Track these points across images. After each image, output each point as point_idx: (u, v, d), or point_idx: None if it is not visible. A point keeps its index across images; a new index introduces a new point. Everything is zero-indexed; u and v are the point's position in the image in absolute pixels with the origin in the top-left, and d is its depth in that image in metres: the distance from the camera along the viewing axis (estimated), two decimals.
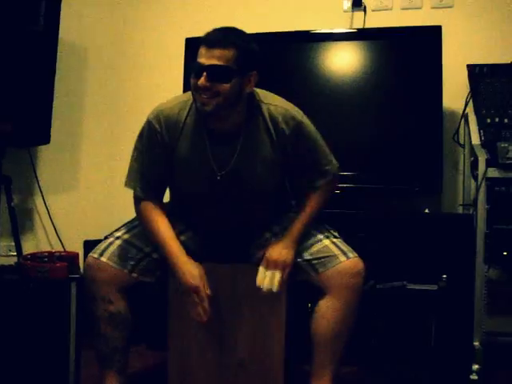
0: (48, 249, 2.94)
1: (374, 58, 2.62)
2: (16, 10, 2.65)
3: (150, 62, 3.17)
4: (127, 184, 1.77)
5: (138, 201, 1.77)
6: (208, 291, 1.67)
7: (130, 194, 2.93)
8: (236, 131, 1.69)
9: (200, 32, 2.79)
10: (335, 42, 2.72)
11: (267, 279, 1.70)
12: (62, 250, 2.84)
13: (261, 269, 1.72)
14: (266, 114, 1.70)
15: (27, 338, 1.88)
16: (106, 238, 1.83)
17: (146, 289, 1.87)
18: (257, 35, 2.77)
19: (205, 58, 1.57)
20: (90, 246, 2.65)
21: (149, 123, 1.73)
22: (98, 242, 2.66)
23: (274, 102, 1.73)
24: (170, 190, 1.87)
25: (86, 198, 3.09)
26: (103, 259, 1.75)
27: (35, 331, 1.89)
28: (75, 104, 3.07)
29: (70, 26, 2.87)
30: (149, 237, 1.76)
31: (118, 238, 1.80)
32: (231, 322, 1.79)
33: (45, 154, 2.94)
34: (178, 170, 1.75)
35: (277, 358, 1.78)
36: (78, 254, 2.09)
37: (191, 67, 1.63)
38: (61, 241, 2.93)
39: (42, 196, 2.90)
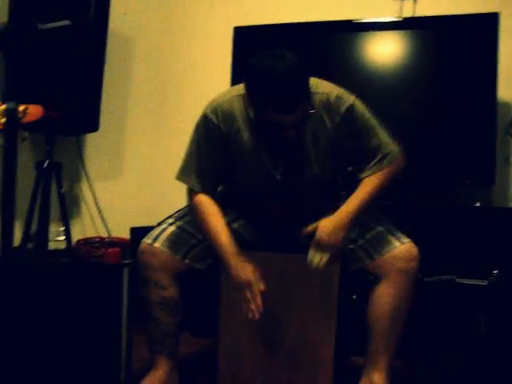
0: (94, 234, 3.00)
1: (425, 48, 2.57)
2: (68, 2, 2.71)
3: (198, 51, 3.18)
4: (180, 177, 1.78)
5: (192, 194, 1.78)
6: (262, 286, 1.66)
7: (173, 182, 2.95)
8: None
9: (248, 20, 2.82)
10: (383, 32, 2.68)
11: (316, 258, 1.68)
12: (108, 235, 2.89)
13: (311, 249, 1.69)
14: (318, 104, 1.68)
15: (80, 322, 1.92)
16: (159, 224, 1.85)
17: (190, 276, 1.89)
18: (302, 25, 2.81)
19: (279, 120, 1.54)
20: (136, 232, 2.70)
21: (206, 117, 1.72)
22: (145, 228, 2.72)
23: (323, 90, 1.70)
24: (224, 180, 1.87)
25: (132, 186, 3.14)
26: (157, 245, 1.76)
27: (88, 315, 1.93)
28: (122, 93, 3.11)
29: (118, 17, 2.90)
30: (201, 230, 1.77)
31: (171, 224, 1.81)
32: (281, 312, 1.79)
33: (91, 141, 2.99)
34: (233, 162, 1.75)
35: (327, 349, 1.78)
36: (128, 240, 2.12)
37: (257, 107, 1.60)
38: (107, 227, 2.98)
39: (89, 183, 2.96)
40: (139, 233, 2.66)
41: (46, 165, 2.64)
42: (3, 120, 1.37)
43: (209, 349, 2.32)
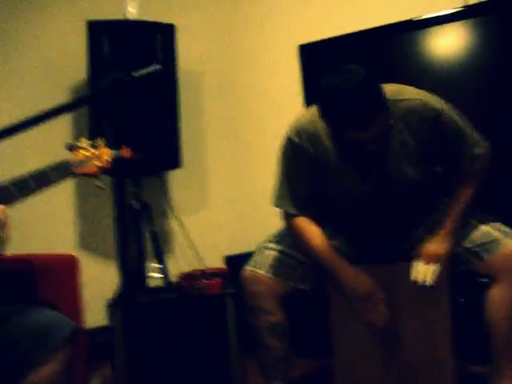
0: (187, 267, 3.07)
1: (495, 35, 2.45)
2: (134, 45, 2.83)
3: (265, 75, 3.21)
4: (276, 203, 1.80)
5: (289, 218, 1.78)
6: (381, 294, 1.66)
7: (259, 207, 2.98)
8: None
9: (311, 37, 2.82)
10: (447, 25, 2.59)
11: (421, 273, 1.66)
12: (203, 267, 2.95)
13: (415, 263, 1.68)
14: (404, 111, 1.64)
15: (192, 352, 1.96)
16: (258, 250, 1.86)
17: (294, 298, 1.88)
18: (365, 32, 2.78)
19: (356, 137, 1.52)
20: (231, 260, 2.74)
21: (289, 140, 1.73)
22: (239, 256, 2.76)
23: (410, 96, 1.65)
24: (317, 199, 1.86)
25: (219, 216, 3.20)
26: (259, 271, 1.77)
27: (198, 346, 1.97)
28: (198, 126, 3.19)
29: (185, 55, 2.99)
30: (303, 252, 1.76)
31: (271, 248, 1.82)
32: (394, 324, 1.74)
33: (174, 177, 3.08)
34: (323, 181, 1.74)
35: (445, 360, 1.71)
36: (227, 270, 2.14)
37: (333, 127, 1.58)
38: (199, 259, 3.04)
39: (177, 218, 3.04)
40: (233, 261, 2.72)
41: (135, 206, 2.75)
42: (99, 163, 1.43)
43: (317, 369, 2.30)
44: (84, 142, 1.43)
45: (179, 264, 3.12)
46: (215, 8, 3.26)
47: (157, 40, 2.87)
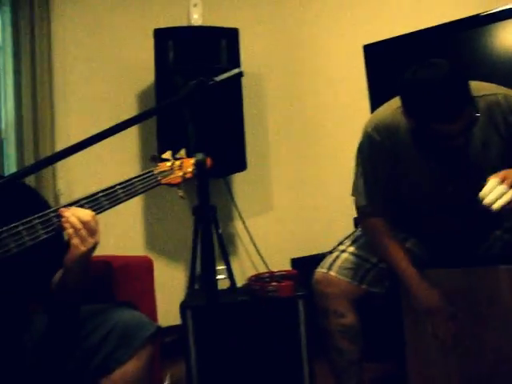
0: (252, 270, 3.09)
1: None
2: (199, 50, 2.88)
3: (329, 76, 3.20)
4: (355, 201, 1.77)
5: (364, 217, 1.76)
6: (451, 310, 1.61)
7: (324, 208, 2.94)
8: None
9: (376, 37, 2.79)
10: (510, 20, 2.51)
11: (493, 193, 1.40)
12: (267, 270, 2.96)
13: (491, 180, 1.43)
14: (485, 106, 1.59)
15: (261, 355, 1.97)
16: (330, 252, 1.85)
17: (366, 301, 1.85)
18: (431, 30, 2.72)
19: (443, 130, 1.48)
20: (298, 263, 2.74)
21: (369, 136, 1.70)
22: (306, 258, 2.75)
23: (489, 91, 1.60)
24: (393, 199, 1.83)
25: (284, 218, 3.20)
26: (332, 273, 1.76)
27: (268, 348, 1.97)
28: (261, 129, 3.21)
29: (249, 58, 3.01)
30: (377, 254, 1.74)
31: (343, 251, 1.80)
32: (471, 329, 1.68)
33: (239, 180, 3.11)
34: (401, 179, 1.71)
35: None
36: (296, 272, 2.14)
37: (419, 121, 1.52)
38: (264, 261, 3.05)
39: (242, 220, 3.06)
40: (300, 263, 2.71)
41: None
42: (182, 174, 1.47)
43: (385, 373, 2.26)
44: (167, 154, 1.47)
45: (243, 266, 3.15)
46: (278, 11, 3.27)
47: (221, 44, 2.91)
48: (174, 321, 2.13)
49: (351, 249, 1.80)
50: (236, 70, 1.18)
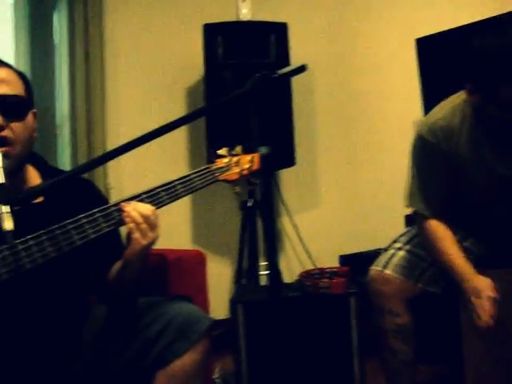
0: (298, 266, 3.07)
1: None
2: (248, 45, 2.88)
3: (379, 70, 3.15)
4: (407, 203, 1.74)
5: (420, 219, 1.72)
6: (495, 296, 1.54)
7: (372, 205, 2.89)
8: None
9: (429, 30, 2.72)
10: None
11: None
12: (313, 266, 2.94)
13: None
14: None
15: (311, 352, 1.95)
16: (385, 249, 1.82)
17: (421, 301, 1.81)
18: (486, 22, 2.63)
19: None
20: (346, 260, 2.70)
21: (422, 139, 1.66)
22: (354, 255, 2.72)
23: None
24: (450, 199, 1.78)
25: (331, 215, 3.17)
26: (387, 271, 1.72)
27: (319, 345, 1.96)
28: (310, 124, 3.18)
29: (298, 53, 2.98)
30: (433, 256, 1.69)
31: (399, 248, 1.77)
32: None
33: (287, 175, 3.09)
34: (458, 179, 1.66)
35: None
36: (348, 269, 2.11)
37: (489, 90, 1.48)
38: (311, 258, 3.03)
39: (289, 216, 3.04)
40: (348, 260, 2.68)
41: (250, 204, 2.79)
42: (239, 170, 1.46)
43: (437, 376, 2.21)
44: (223, 150, 1.47)
45: (290, 263, 3.14)
46: (327, 4, 3.23)
47: (270, 39, 2.90)
48: (219, 315, 2.14)
49: (407, 247, 1.76)
50: (299, 65, 1.17)
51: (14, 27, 2.61)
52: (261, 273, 2.86)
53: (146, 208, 1.29)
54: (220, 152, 1.47)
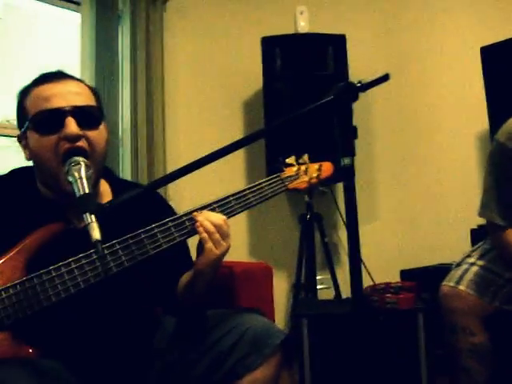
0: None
1: None
2: (305, 58, 2.87)
3: (441, 79, 3.09)
4: (482, 214, 1.68)
5: (495, 230, 1.66)
6: None
7: (430, 219, 2.81)
8: None
9: (494, 38, 2.64)
10: None
11: None
12: (372, 281, 2.88)
13: None
14: None
15: (377, 368, 1.90)
16: (457, 265, 1.76)
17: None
18: None
19: None
20: (407, 275, 2.64)
21: (501, 145, 1.61)
22: (415, 270, 2.65)
23: None
24: None
25: (389, 228, 3.10)
26: (461, 287, 1.66)
27: (385, 362, 1.90)
28: (367, 138, 3.13)
29: (355, 65, 2.95)
30: (508, 266, 1.63)
31: (472, 264, 1.71)
32: None
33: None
34: None
35: None
36: (414, 284, 2.05)
37: None
38: (369, 272, 2.96)
39: (347, 230, 2.98)
40: (411, 275, 2.61)
41: (308, 217, 2.76)
42: (308, 179, 1.45)
43: None
44: (291, 159, 1.46)
45: (347, 276, 3.08)
46: (386, 15, 3.19)
47: (328, 51, 2.89)
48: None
49: (481, 262, 1.69)
50: (382, 74, 1.14)
51: (80, 43, 2.69)
52: (319, 287, 2.81)
53: (218, 217, 1.29)
54: (288, 160, 1.46)
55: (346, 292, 2.85)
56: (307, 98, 2.72)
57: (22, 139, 1.35)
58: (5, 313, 1.17)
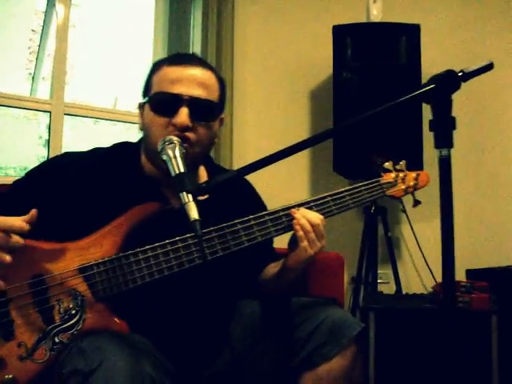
0: (416, 277, 2.96)
1: None
2: (377, 47, 2.81)
3: None
4: None
5: None
6: None
7: (500, 219, 2.70)
8: None
9: None
10: None
11: None
12: (432, 278, 2.82)
13: None
14: None
15: (445, 370, 1.85)
16: None
17: None
18: None
19: None
20: (473, 275, 2.57)
21: None
22: (482, 270, 2.58)
23: None
24: None
25: (455, 226, 3.02)
26: None
27: (454, 364, 1.85)
28: None
29: (429, 56, 2.87)
30: None
31: None
32: None
33: None
34: None
35: None
36: (487, 284, 1.99)
37: None
38: (430, 269, 2.90)
39: (410, 225, 2.93)
40: (477, 275, 2.54)
41: (372, 210, 2.72)
42: (405, 187, 1.41)
43: None
44: (389, 164, 1.44)
45: (407, 273, 3.03)
46: (462, 5, 3.09)
47: (400, 41, 2.81)
48: None
49: None
50: (486, 63, 1.10)
51: (154, 25, 2.72)
52: (379, 281, 2.77)
53: (316, 216, 1.28)
54: (387, 166, 1.43)
55: (405, 287, 2.80)
56: (377, 88, 2.70)
57: (140, 108, 1.38)
58: (101, 286, 1.20)
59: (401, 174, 1.43)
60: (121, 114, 2.88)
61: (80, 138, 3.25)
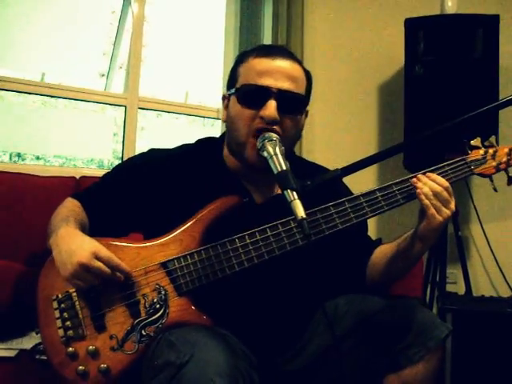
0: (485, 278, 2.87)
1: None
2: (451, 40, 2.72)
3: None
4: None
5: None
6: None
7: None
8: None
9: None
10: None
11: None
12: (503, 280, 2.73)
13: None
14: None
15: None
16: None
17: None
18: None
19: None
20: None
21: None
22: None
23: None
24: None
25: None
26: None
27: None
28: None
29: (509, 50, 2.75)
30: None
31: None
32: None
33: (481, 181, 2.88)
34: None
35: None
36: None
37: None
38: (501, 270, 2.80)
39: (480, 224, 2.83)
40: None
41: None
42: (495, 164, 1.34)
43: None
44: (477, 140, 1.37)
45: (476, 274, 2.94)
46: None
47: (477, 33, 2.71)
48: None
49: None
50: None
51: (225, 20, 2.73)
52: (448, 281, 2.70)
53: (439, 184, 1.24)
54: (474, 142, 1.36)
55: (475, 289, 2.71)
56: (451, 83, 2.62)
57: (225, 99, 1.38)
58: (183, 279, 1.22)
59: (490, 150, 1.35)
60: (193, 108, 2.92)
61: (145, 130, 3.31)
